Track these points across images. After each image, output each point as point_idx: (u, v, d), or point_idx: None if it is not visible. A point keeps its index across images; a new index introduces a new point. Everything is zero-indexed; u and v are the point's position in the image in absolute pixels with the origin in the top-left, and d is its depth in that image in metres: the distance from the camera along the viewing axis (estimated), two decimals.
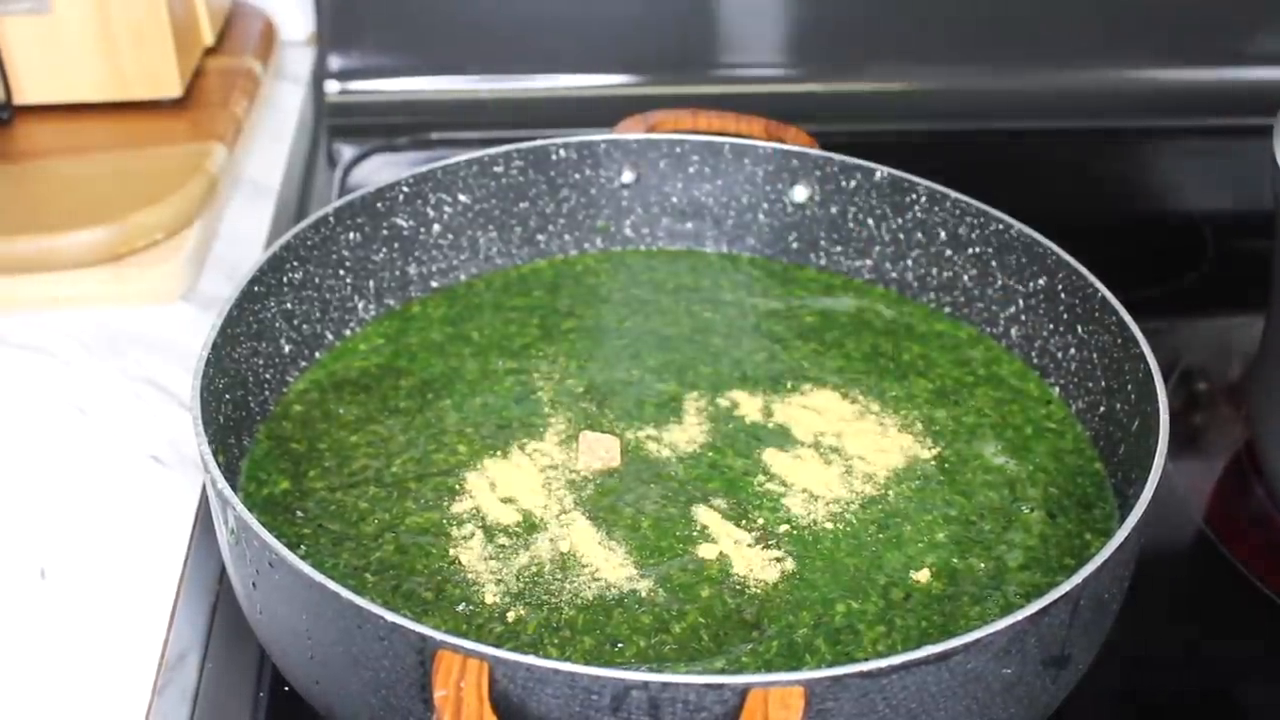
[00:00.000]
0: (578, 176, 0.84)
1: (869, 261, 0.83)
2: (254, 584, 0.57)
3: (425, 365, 0.75)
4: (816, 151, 0.83)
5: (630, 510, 0.65)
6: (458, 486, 0.66)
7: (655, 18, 1.16)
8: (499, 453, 0.68)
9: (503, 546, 0.63)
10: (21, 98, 0.96)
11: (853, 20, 1.18)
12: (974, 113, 1.19)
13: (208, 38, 1.06)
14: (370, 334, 0.78)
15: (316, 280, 0.75)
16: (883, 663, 0.48)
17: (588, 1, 1.15)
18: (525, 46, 1.16)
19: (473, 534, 0.63)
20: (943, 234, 0.80)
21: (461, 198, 0.81)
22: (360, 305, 0.78)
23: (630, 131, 0.85)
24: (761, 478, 0.67)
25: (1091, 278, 0.71)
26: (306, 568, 0.52)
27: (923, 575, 0.61)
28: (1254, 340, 0.83)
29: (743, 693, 0.47)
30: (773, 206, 0.85)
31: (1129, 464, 0.66)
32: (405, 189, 0.79)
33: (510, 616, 0.59)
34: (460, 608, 0.59)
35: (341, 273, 0.77)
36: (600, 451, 0.67)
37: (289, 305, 0.73)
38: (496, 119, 1.15)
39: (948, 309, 0.81)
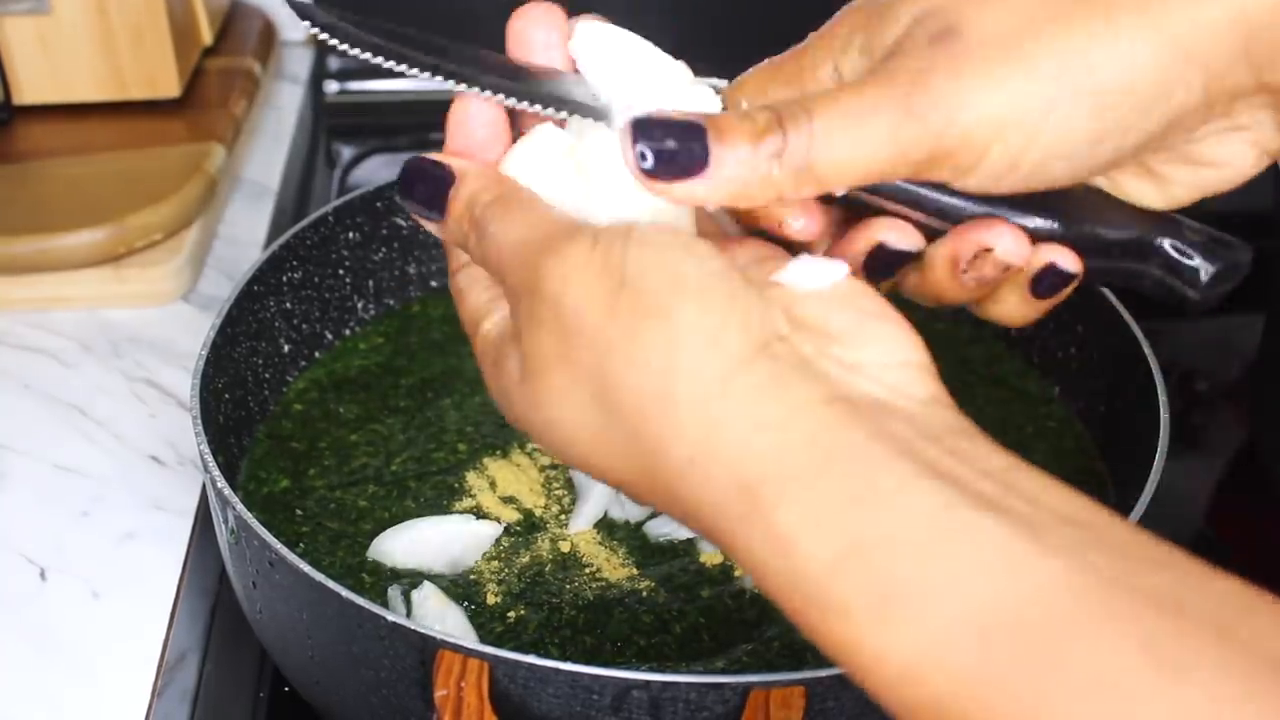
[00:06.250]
0: None
1: None
2: (254, 584, 0.57)
3: (425, 364, 0.75)
4: None
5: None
6: (458, 485, 0.66)
7: (655, 18, 1.16)
8: (499, 452, 0.68)
9: (503, 546, 0.62)
10: (20, 98, 0.96)
11: None
12: None
13: (207, 38, 1.06)
14: (370, 333, 0.78)
15: (316, 280, 0.75)
16: None
17: (587, 2, 1.15)
18: None
19: None
20: None
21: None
22: (360, 305, 0.78)
23: None
24: None
25: None
26: (307, 567, 0.51)
27: None
28: (1254, 340, 0.83)
29: (744, 692, 0.47)
30: None
31: (1129, 464, 0.66)
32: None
33: (511, 616, 0.59)
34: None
35: (341, 272, 0.77)
36: None
37: (288, 305, 0.73)
38: None
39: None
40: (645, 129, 0.41)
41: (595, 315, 0.38)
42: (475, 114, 0.46)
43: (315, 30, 0.46)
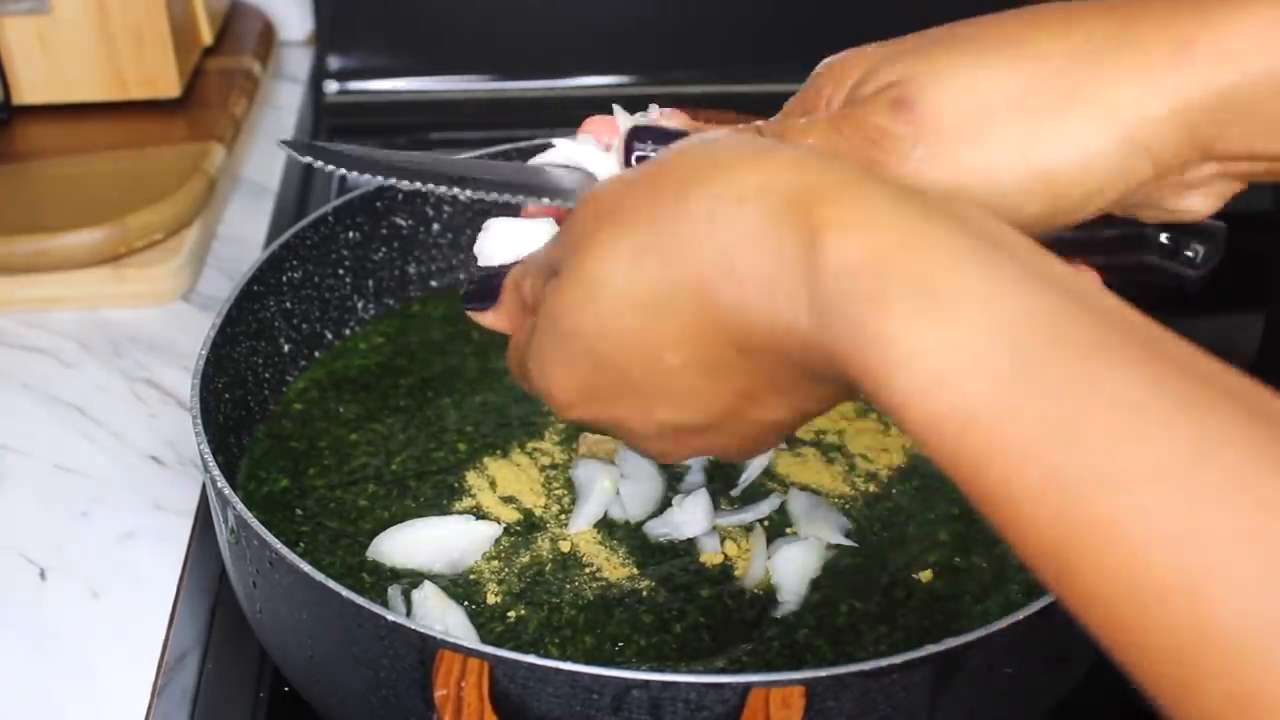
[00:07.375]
0: None
1: None
2: (254, 583, 0.57)
3: (425, 364, 0.75)
4: None
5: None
6: (457, 485, 0.66)
7: (655, 18, 1.16)
8: (499, 451, 0.68)
9: (503, 546, 0.62)
10: (20, 98, 0.96)
11: (852, 21, 1.18)
12: None
13: (206, 38, 1.06)
14: (370, 333, 0.78)
15: (316, 279, 0.75)
16: (884, 662, 0.48)
17: (587, 2, 1.15)
18: (525, 46, 1.16)
19: None
20: None
21: (460, 197, 0.81)
22: (360, 304, 0.78)
23: None
24: (763, 476, 0.67)
25: None
26: (307, 566, 0.51)
27: (925, 574, 0.61)
28: (1254, 340, 0.82)
29: (744, 692, 0.47)
30: None
31: None
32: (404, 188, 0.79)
33: (511, 616, 0.59)
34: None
35: (341, 272, 0.77)
36: (600, 451, 0.67)
37: (288, 304, 0.73)
38: (496, 119, 1.14)
39: None
40: (642, 135, 0.48)
41: (635, 184, 0.41)
42: None
43: (317, 163, 0.52)
